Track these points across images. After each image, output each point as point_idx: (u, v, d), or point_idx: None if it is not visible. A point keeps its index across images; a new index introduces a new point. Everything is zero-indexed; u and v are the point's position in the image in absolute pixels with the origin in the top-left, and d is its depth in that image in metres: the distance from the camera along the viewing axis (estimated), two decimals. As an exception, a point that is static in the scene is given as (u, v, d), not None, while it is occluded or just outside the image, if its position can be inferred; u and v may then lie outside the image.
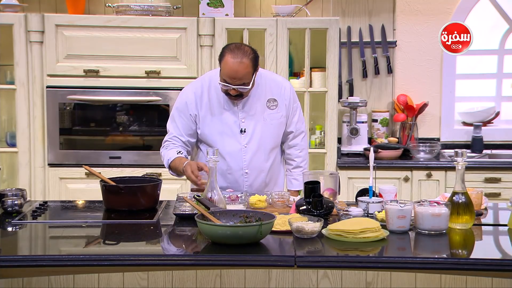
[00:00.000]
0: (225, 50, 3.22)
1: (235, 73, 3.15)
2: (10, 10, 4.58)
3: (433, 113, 5.13)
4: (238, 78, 3.17)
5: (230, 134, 3.34)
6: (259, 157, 3.38)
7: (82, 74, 4.54)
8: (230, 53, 3.17)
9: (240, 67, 3.14)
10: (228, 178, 3.37)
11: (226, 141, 3.33)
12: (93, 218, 3.02)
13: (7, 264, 2.42)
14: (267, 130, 3.37)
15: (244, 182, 3.39)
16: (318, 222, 2.61)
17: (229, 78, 3.18)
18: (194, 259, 2.47)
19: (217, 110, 3.33)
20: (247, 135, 3.35)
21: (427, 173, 4.64)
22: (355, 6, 5.05)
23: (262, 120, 3.36)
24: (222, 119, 3.33)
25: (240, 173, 3.36)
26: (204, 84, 3.37)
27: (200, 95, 3.35)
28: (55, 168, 4.60)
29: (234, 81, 3.18)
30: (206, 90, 3.35)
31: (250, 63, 3.16)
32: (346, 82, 5.08)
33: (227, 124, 3.33)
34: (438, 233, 2.66)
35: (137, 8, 4.62)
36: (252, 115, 3.35)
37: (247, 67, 3.16)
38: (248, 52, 3.18)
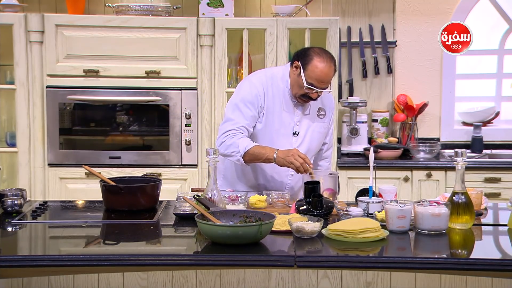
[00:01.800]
0: (311, 53, 3.22)
1: (326, 77, 3.19)
2: (10, 10, 4.58)
3: (433, 113, 5.13)
4: (326, 81, 3.21)
5: (284, 134, 3.33)
6: None
7: (82, 74, 4.54)
8: (319, 57, 3.19)
9: (330, 71, 3.20)
10: (273, 178, 3.36)
11: (280, 141, 3.31)
12: (93, 218, 3.02)
13: (7, 264, 2.42)
14: (315, 136, 3.40)
15: (288, 183, 3.39)
16: (318, 222, 2.61)
17: (318, 82, 3.19)
18: (194, 259, 2.47)
19: (278, 108, 3.32)
20: (299, 138, 3.36)
21: (427, 173, 4.64)
22: (355, 6, 5.05)
23: (312, 127, 3.39)
24: (281, 118, 3.32)
25: (286, 174, 3.36)
26: (268, 79, 3.34)
27: (267, 89, 3.32)
28: (55, 168, 4.60)
29: (322, 85, 3.21)
30: (270, 85, 3.33)
31: (334, 66, 3.24)
32: (346, 82, 5.08)
33: (283, 124, 3.33)
34: (438, 233, 2.66)
35: (137, 8, 4.62)
36: (305, 120, 3.37)
37: (334, 70, 3.23)
38: (332, 56, 3.26)
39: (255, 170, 3.38)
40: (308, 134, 3.38)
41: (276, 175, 3.36)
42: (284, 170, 3.32)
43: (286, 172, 3.35)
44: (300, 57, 3.24)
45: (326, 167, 3.56)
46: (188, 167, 4.62)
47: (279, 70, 3.40)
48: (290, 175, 3.36)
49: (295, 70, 3.26)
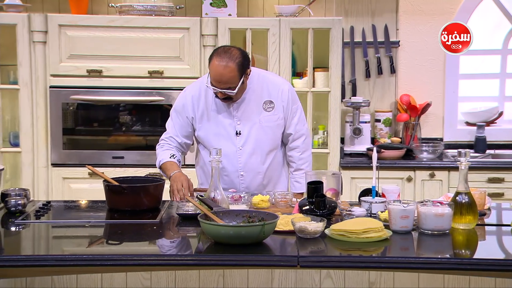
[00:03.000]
0: (213, 53, 3.23)
1: (220, 77, 3.16)
2: (13, 10, 4.59)
3: (436, 113, 5.12)
4: (223, 82, 3.17)
5: (225, 136, 3.35)
6: (255, 159, 3.38)
7: (85, 74, 4.55)
8: (217, 56, 3.18)
9: (225, 71, 3.14)
10: (224, 179, 3.36)
11: (222, 143, 3.33)
12: (96, 218, 3.02)
13: (10, 264, 2.42)
14: (263, 132, 3.37)
15: (240, 183, 3.40)
16: (321, 222, 2.61)
17: (215, 81, 3.19)
18: (197, 259, 2.47)
19: (213, 112, 3.35)
20: (242, 137, 3.36)
21: (430, 173, 4.63)
22: (358, 6, 5.05)
23: (258, 122, 3.36)
24: (218, 121, 3.35)
25: (236, 175, 3.38)
26: (202, 86, 3.37)
27: (197, 97, 3.37)
28: (58, 168, 4.61)
29: (219, 85, 3.18)
30: (204, 92, 3.36)
31: (235, 67, 3.15)
32: (349, 82, 5.08)
33: (223, 126, 3.35)
34: (441, 233, 2.66)
35: (140, 8, 4.62)
36: (248, 118, 3.35)
37: (232, 71, 3.15)
38: (235, 56, 3.17)
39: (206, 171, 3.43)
40: (253, 131, 3.36)
41: (226, 178, 3.38)
42: (233, 171, 3.37)
43: (236, 172, 3.38)
44: (209, 57, 3.26)
45: (298, 158, 3.47)
46: (190, 167, 4.60)
47: None
48: (240, 175, 3.38)
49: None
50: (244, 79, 3.22)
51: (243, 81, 3.21)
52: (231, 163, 3.36)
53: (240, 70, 3.17)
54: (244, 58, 3.21)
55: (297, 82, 4.73)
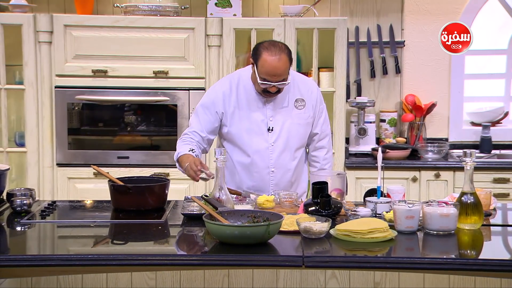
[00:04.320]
0: (260, 48, 3.22)
1: (275, 70, 3.17)
2: (19, 10, 4.60)
3: (441, 113, 5.12)
4: (278, 74, 3.18)
5: (257, 132, 3.34)
6: (286, 156, 3.37)
7: (90, 74, 4.55)
8: (267, 51, 3.18)
9: (279, 64, 3.16)
10: (254, 176, 3.36)
11: (254, 139, 3.32)
12: (101, 218, 3.03)
13: (16, 264, 2.43)
14: (294, 129, 3.37)
15: (270, 180, 3.38)
16: (326, 222, 2.61)
17: (269, 75, 3.18)
18: (202, 259, 2.47)
19: (245, 108, 3.33)
20: (274, 133, 3.35)
21: (436, 173, 4.62)
22: (363, 6, 5.04)
23: (289, 119, 3.36)
24: (250, 117, 3.33)
25: (266, 172, 3.36)
26: (233, 82, 3.36)
27: (228, 93, 3.34)
28: (64, 168, 4.62)
29: (274, 78, 3.19)
30: (235, 88, 3.35)
31: (287, 58, 3.19)
32: (354, 82, 5.07)
33: (255, 122, 3.33)
34: (447, 233, 2.66)
35: (145, 8, 4.63)
36: (280, 114, 3.35)
37: (285, 62, 3.18)
38: (283, 47, 3.21)
39: (239, 169, 3.39)
40: (285, 128, 3.36)
41: (257, 174, 3.37)
42: (264, 168, 3.34)
43: (267, 169, 3.35)
44: (253, 54, 3.26)
45: (323, 157, 3.50)
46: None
47: (247, 70, 3.40)
48: (271, 171, 3.37)
49: (252, 67, 3.28)
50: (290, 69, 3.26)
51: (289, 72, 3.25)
52: (262, 159, 3.35)
53: (290, 60, 3.22)
54: (289, 49, 3.26)
55: (302, 82, 4.72)
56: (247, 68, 3.42)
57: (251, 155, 3.34)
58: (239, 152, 3.36)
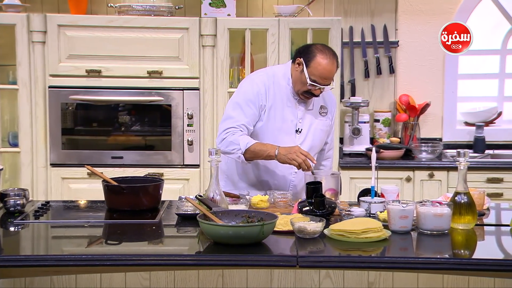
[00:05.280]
0: (314, 49, 3.23)
1: (329, 74, 3.21)
2: (13, 10, 4.58)
3: (435, 113, 5.13)
4: (330, 78, 3.23)
5: (287, 132, 3.34)
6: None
7: (84, 74, 4.54)
8: (322, 53, 3.21)
9: (333, 67, 3.22)
10: (277, 175, 3.36)
11: (283, 138, 3.31)
12: (95, 218, 3.02)
13: (9, 264, 2.42)
14: (317, 134, 3.41)
15: (291, 181, 3.38)
16: (320, 222, 2.61)
17: (322, 78, 3.20)
18: (196, 259, 2.47)
19: (279, 106, 3.33)
20: (302, 135, 3.36)
21: (429, 173, 4.63)
22: (357, 6, 5.05)
23: (315, 124, 3.40)
24: (283, 115, 3.33)
25: (289, 172, 3.36)
26: (270, 79, 3.35)
27: (268, 87, 3.33)
28: (58, 168, 4.61)
29: (325, 82, 3.22)
30: (272, 83, 3.34)
31: (337, 63, 3.26)
32: (348, 82, 5.08)
33: (286, 121, 3.34)
34: (440, 233, 2.66)
35: (139, 8, 4.62)
36: (308, 118, 3.38)
37: (336, 66, 3.25)
38: (334, 52, 3.28)
39: (258, 168, 3.37)
40: (311, 131, 3.39)
41: (279, 172, 3.36)
42: (287, 168, 3.31)
43: (290, 169, 3.34)
44: (303, 54, 3.24)
45: (329, 167, 3.58)
46: (190, 167, 4.63)
47: (281, 68, 3.42)
48: (293, 172, 3.36)
49: (297, 67, 3.26)
50: None
51: None
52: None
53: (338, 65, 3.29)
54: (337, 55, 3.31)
55: (296, 82, 4.73)
56: (281, 66, 3.46)
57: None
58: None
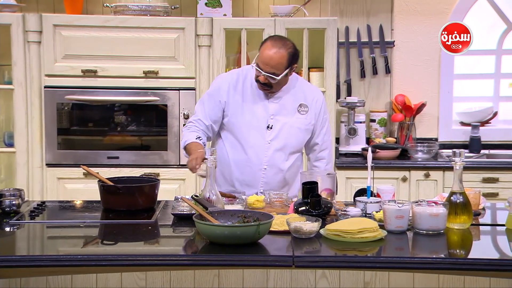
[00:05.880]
0: (268, 38, 3.32)
1: (269, 60, 3.20)
2: (8, 10, 4.58)
3: (431, 113, 5.13)
4: (270, 65, 3.21)
5: (257, 128, 3.35)
6: (280, 156, 3.38)
7: (80, 74, 4.54)
8: (272, 40, 3.26)
9: (275, 55, 3.19)
10: (246, 171, 3.37)
11: (252, 134, 3.34)
12: (91, 218, 3.01)
13: (5, 264, 2.41)
14: (293, 132, 3.39)
15: (261, 178, 3.38)
16: (316, 222, 2.61)
17: (262, 63, 3.22)
18: (192, 259, 2.47)
19: (249, 102, 3.35)
20: (273, 132, 3.36)
21: (425, 173, 4.64)
22: (353, 6, 5.05)
23: (290, 122, 3.38)
24: (252, 111, 3.35)
25: (259, 168, 3.36)
26: (241, 75, 3.40)
27: (234, 84, 3.37)
28: (53, 168, 4.60)
29: (265, 67, 3.21)
30: (242, 80, 3.38)
31: (286, 55, 3.22)
32: (344, 82, 5.08)
33: (256, 117, 3.35)
34: (436, 233, 2.67)
35: (135, 8, 4.62)
36: (282, 115, 3.37)
37: (282, 57, 3.21)
38: (289, 46, 3.25)
39: (229, 164, 3.39)
40: (285, 129, 3.37)
41: (249, 169, 3.37)
42: (257, 164, 3.35)
43: (259, 166, 3.36)
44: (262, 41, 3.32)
45: (323, 168, 3.53)
46: (186, 167, 4.59)
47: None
48: (263, 168, 3.37)
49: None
50: (288, 72, 3.27)
51: (287, 73, 3.26)
52: (257, 156, 3.35)
53: (289, 60, 3.24)
54: (295, 51, 3.28)
55: (292, 82, 4.73)
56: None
57: (246, 149, 3.35)
58: (235, 145, 3.38)
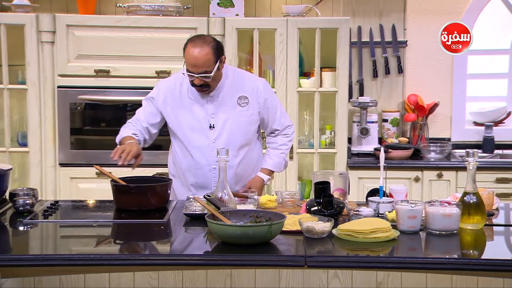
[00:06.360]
0: (187, 41, 3.29)
1: (196, 60, 3.19)
2: (22, 10, 4.60)
3: (444, 113, 5.11)
4: (199, 65, 3.20)
5: (199, 129, 3.37)
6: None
7: (92, 74, 4.56)
8: (191, 42, 3.25)
9: (200, 54, 3.19)
10: (196, 173, 3.39)
11: (195, 136, 3.37)
12: (103, 217, 3.03)
13: (18, 263, 2.43)
14: (236, 126, 3.38)
15: (212, 177, 3.38)
16: (328, 222, 2.60)
17: (191, 66, 3.22)
18: (205, 259, 2.47)
19: (187, 105, 3.38)
20: (216, 130, 3.37)
21: (438, 173, 4.62)
22: (366, 6, 5.04)
23: (232, 117, 3.38)
24: (192, 114, 3.37)
25: (208, 169, 3.37)
26: (177, 79, 3.42)
27: (172, 88, 3.41)
28: (66, 168, 4.62)
29: (196, 69, 3.21)
30: (179, 85, 3.40)
31: (210, 51, 3.21)
32: (356, 82, 5.07)
33: (197, 119, 3.37)
34: (449, 233, 2.65)
35: (148, 8, 4.63)
36: (222, 112, 3.37)
37: (207, 54, 3.20)
38: (209, 40, 3.26)
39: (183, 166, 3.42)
40: (227, 125, 3.37)
41: (198, 171, 3.39)
42: (206, 165, 3.37)
43: (208, 166, 3.37)
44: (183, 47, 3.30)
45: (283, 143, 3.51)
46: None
47: None
48: (212, 168, 3.36)
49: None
50: (219, 65, 3.26)
51: (218, 67, 3.25)
52: (204, 157, 3.37)
53: (215, 53, 3.23)
54: (218, 44, 3.28)
55: (304, 82, 4.73)
56: None
57: (192, 152, 3.38)
58: (182, 149, 3.42)
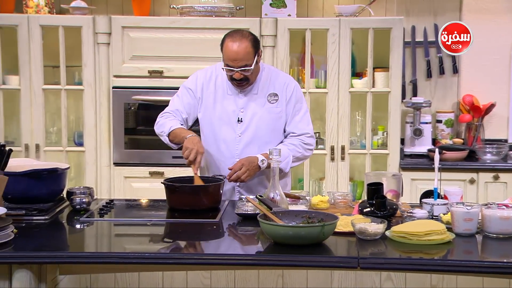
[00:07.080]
0: (225, 36, 3.32)
1: (236, 55, 3.22)
2: (79, 12, 4.70)
3: (500, 113, 5.00)
4: (239, 59, 3.23)
5: (227, 122, 3.39)
6: (252, 148, 3.37)
7: (146, 75, 4.62)
8: (229, 37, 3.28)
9: (240, 48, 3.22)
10: (220, 164, 3.41)
11: (223, 128, 3.39)
12: (157, 216, 3.06)
13: (74, 261, 2.48)
14: (263, 122, 3.38)
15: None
16: (381, 223, 2.58)
17: (231, 60, 3.24)
18: (257, 259, 2.47)
19: (220, 97, 3.40)
20: (244, 124, 3.38)
21: (494, 175, 4.52)
22: (420, 5, 4.97)
23: (260, 113, 3.38)
24: (223, 106, 3.39)
25: (232, 161, 3.37)
26: (214, 71, 3.45)
27: (208, 80, 3.43)
28: (120, 167, 4.70)
29: (236, 63, 3.23)
30: (214, 77, 3.43)
31: (249, 44, 3.24)
32: (409, 82, 5.01)
33: (226, 112, 3.39)
34: (507, 236, 2.59)
35: (201, 9, 4.67)
36: (252, 107, 3.38)
37: (247, 47, 3.23)
38: (247, 34, 3.28)
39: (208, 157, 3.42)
40: (254, 120, 3.37)
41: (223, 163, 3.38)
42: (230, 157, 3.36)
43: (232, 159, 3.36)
44: (221, 43, 3.32)
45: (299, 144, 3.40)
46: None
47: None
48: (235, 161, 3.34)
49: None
50: (257, 58, 3.28)
51: (256, 60, 3.27)
52: (229, 149, 3.39)
53: (254, 46, 3.26)
54: (255, 37, 3.31)
55: (356, 82, 4.69)
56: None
57: (218, 143, 3.39)
58: (209, 140, 3.42)
